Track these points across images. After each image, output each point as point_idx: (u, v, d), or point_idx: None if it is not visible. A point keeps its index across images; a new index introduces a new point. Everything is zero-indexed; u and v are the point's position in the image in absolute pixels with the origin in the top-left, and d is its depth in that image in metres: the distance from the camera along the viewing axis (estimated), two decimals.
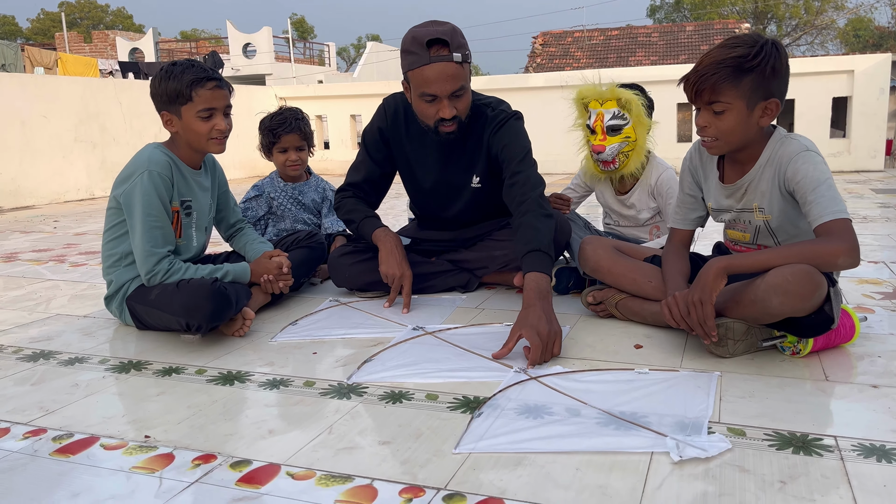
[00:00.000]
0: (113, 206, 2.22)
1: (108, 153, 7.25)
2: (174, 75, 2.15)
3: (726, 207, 1.97)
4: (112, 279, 2.26)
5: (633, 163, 2.56)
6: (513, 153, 2.35)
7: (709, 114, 1.80)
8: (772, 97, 1.77)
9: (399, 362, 1.88)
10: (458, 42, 2.19)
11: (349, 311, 2.42)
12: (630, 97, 2.51)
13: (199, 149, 2.24)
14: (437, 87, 2.19)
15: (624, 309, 2.16)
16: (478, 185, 2.50)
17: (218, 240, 2.79)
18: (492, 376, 1.75)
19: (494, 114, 2.42)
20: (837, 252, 1.66)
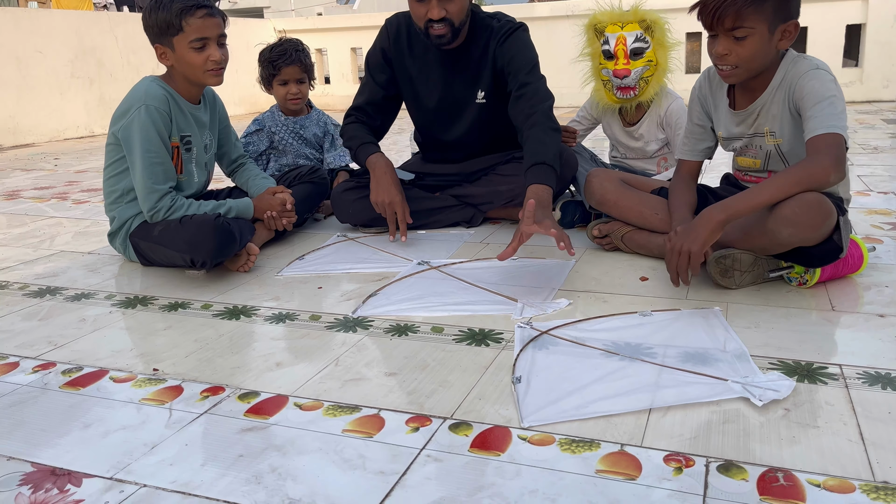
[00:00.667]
0: (112, 141, 2.20)
1: (105, 89, 7.15)
2: (163, 5, 2.09)
3: (737, 135, 1.94)
4: (115, 216, 2.25)
5: (652, 88, 2.48)
6: (520, 64, 2.32)
7: (729, 40, 1.73)
8: (790, 19, 1.73)
9: (404, 296, 1.89)
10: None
11: (356, 246, 2.42)
12: (655, 17, 2.43)
13: (196, 81, 2.19)
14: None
15: (630, 242, 2.15)
16: (482, 101, 2.46)
17: (220, 176, 2.78)
18: (497, 310, 1.76)
19: (500, 24, 2.40)
20: (825, 171, 1.63)
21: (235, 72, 8.03)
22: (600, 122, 2.78)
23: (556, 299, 1.81)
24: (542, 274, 2.03)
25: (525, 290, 1.88)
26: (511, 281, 1.98)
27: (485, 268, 2.11)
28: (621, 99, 2.52)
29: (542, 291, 1.88)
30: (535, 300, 1.80)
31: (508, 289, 1.91)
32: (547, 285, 1.93)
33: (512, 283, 1.95)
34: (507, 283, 1.96)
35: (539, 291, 1.88)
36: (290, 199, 2.38)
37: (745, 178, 2.01)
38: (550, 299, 1.81)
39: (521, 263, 2.14)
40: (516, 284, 1.94)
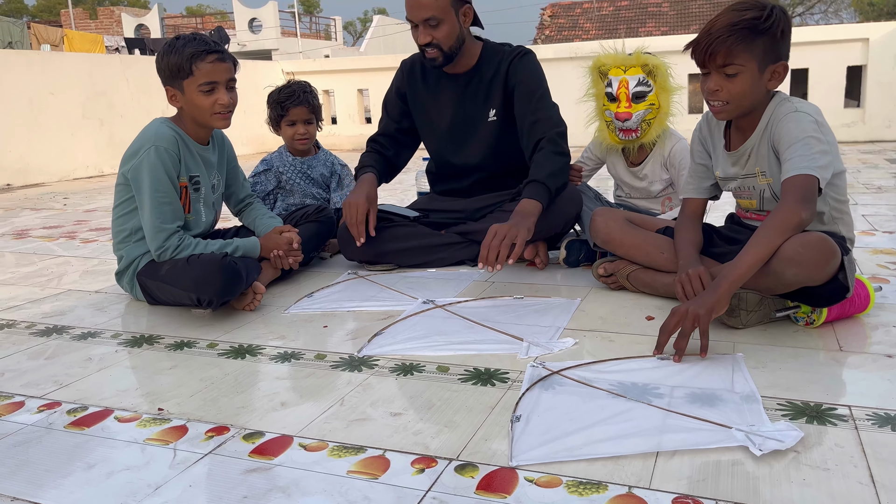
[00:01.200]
0: (121, 182, 2.22)
1: (115, 130, 7.25)
2: (176, 49, 2.13)
3: (732, 175, 1.96)
4: (123, 255, 2.27)
5: (654, 130, 2.52)
6: (531, 86, 2.47)
7: (720, 77, 1.78)
8: (780, 60, 1.77)
9: (409, 335, 1.88)
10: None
11: (364, 283, 2.42)
12: (658, 63, 2.48)
13: (204, 124, 2.22)
14: (412, 14, 2.40)
15: (635, 281, 2.15)
16: (494, 119, 2.55)
17: (228, 215, 2.80)
18: (503, 349, 1.75)
19: (511, 49, 2.56)
20: (794, 213, 1.64)
21: (244, 112, 8.12)
22: (605, 162, 2.80)
23: (561, 338, 1.80)
24: (547, 313, 2.03)
25: (531, 329, 1.88)
26: (517, 320, 1.97)
27: (490, 306, 2.11)
28: (623, 140, 2.56)
29: (548, 331, 1.87)
30: (540, 339, 1.80)
31: (514, 328, 1.90)
32: (552, 324, 1.92)
33: (518, 322, 1.95)
34: (512, 321, 1.96)
35: (545, 331, 1.87)
36: (296, 239, 2.39)
37: (746, 216, 2.02)
38: (556, 338, 1.81)
39: (526, 302, 2.14)
40: (522, 323, 1.94)
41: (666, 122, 2.54)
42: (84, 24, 27.81)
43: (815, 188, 1.67)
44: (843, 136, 7.37)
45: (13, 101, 6.32)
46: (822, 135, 1.72)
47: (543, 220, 2.44)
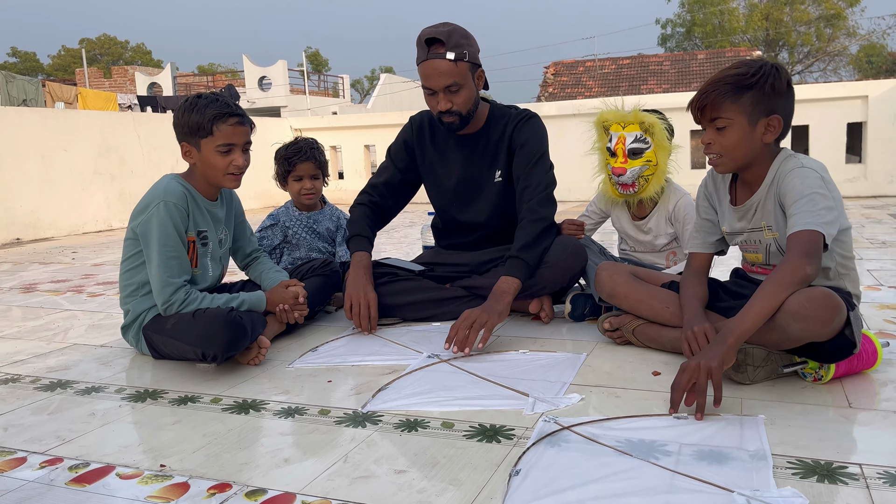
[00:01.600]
0: (130, 237, 2.24)
1: (126, 185, 7.34)
2: (198, 108, 2.18)
3: (738, 230, 1.97)
4: (129, 308, 2.27)
5: (652, 187, 2.56)
6: (530, 150, 2.50)
7: (712, 131, 1.84)
8: (773, 114, 1.79)
9: (414, 390, 1.87)
10: (456, 42, 2.35)
11: (368, 337, 2.41)
12: (653, 121, 2.53)
13: (215, 182, 2.26)
14: (432, 82, 2.38)
15: (641, 335, 2.14)
16: (499, 180, 2.58)
17: (234, 269, 2.81)
18: (508, 405, 1.73)
19: (517, 112, 2.59)
20: (798, 268, 1.64)
21: (252, 168, 8.11)
22: (609, 215, 2.82)
23: (567, 394, 1.79)
24: (553, 368, 2.01)
25: (536, 385, 1.86)
26: (522, 375, 1.96)
27: (496, 361, 2.10)
28: (622, 194, 2.60)
29: (554, 386, 1.86)
30: (546, 394, 1.78)
31: (520, 383, 1.89)
32: (559, 379, 1.91)
33: (523, 378, 1.93)
34: (518, 377, 1.94)
35: (551, 386, 1.86)
36: (302, 293, 2.40)
37: (752, 269, 2.02)
38: (562, 394, 1.79)
39: (532, 357, 2.13)
40: (527, 378, 1.92)
41: (664, 180, 2.57)
42: (98, 82, 28.42)
43: (820, 244, 1.68)
44: (846, 192, 7.41)
45: (26, 158, 6.42)
46: (828, 191, 1.74)
47: (549, 274, 2.45)
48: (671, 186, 2.66)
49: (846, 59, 35.95)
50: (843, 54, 35.52)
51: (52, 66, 49.23)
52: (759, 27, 34.31)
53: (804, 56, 35.38)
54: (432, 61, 2.35)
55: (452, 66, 2.35)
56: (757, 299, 1.66)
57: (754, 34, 34.54)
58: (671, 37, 38.13)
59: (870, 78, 29.50)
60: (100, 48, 49.53)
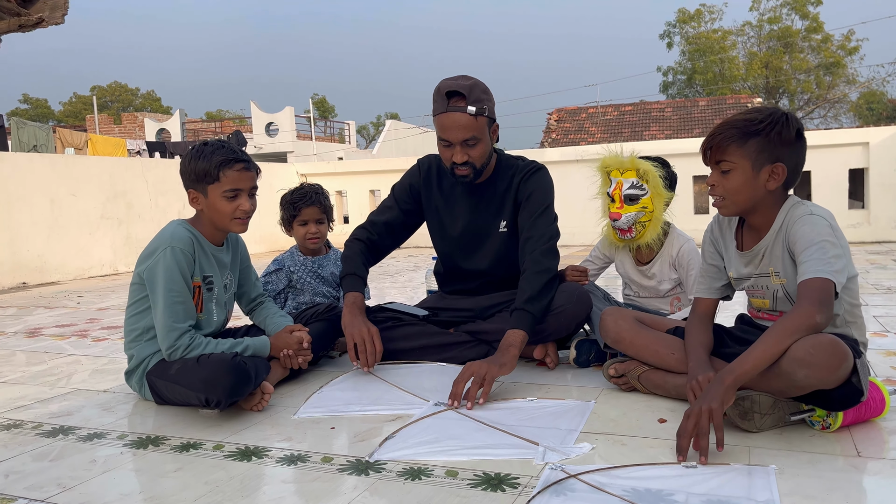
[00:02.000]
0: (136, 281, 2.25)
1: (133, 229, 7.39)
2: (204, 155, 2.21)
3: (745, 275, 1.97)
4: (133, 353, 2.27)
5: (649, 233, 2.58)
6: (535, 202, 2.50)
7: (717, 173, 1.87)
8: (778, 162, 1.81)
9: (421, 439, 1.85)
10: (477, 96, 2.37)
11: (373, 380, 2.38)
12: (648, 168, 2.55)
13: (222, 227, 2.27)
14: (450, 134, 2.39)
15: (647, 382, 2.13)
16: (504, 230, 2.58)
17: (239, 314, 2.81)
18: (518, 454, 1.71)
19: (525, 164, 2.60)
20: (809, 316, 1.64)
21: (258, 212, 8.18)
22: (613, 260, 2.83)
23: (577, 443, 1.76)
24: (562, 416, 1.99)
25: (545, 433, 1.84)
26: (531, 423, 1.94)
27: (503, 409, 2.07)
28: (621, 239, 2.62)
29: (564, 434, 1.84)
30: (556, 443, 1.76)
31: (529, 431, 1.86)
32: (568, 427, 1.89)
33: (531, 425, 1.91)
34: (526, 424, 1.92)
35: (560, 434, 1.84)
36: (306, 338, 2.39)
37: (758, 315, 2.02)
38: (572, 442, 1.77)
39: (540, 404, 2.11)
40: (536, 426, 1.90)
41: (660, 226, 2.58)
42: (108, 128, 28.81)
43: (831, 292, 1.68)
44: (850, 237, 7.42)
45: (35, 202, 6.48)
46: (837, 239, 1.75)
47: (553, 320, 2.45)
48: (674, 232, 2.67)
49: (846, 106, 36.32)
50: (844, 101, 35.91)
51: (64, 112, 50.01)
52: (759, 75, 34.77)
53: (804, 103, 35.75)
54: (452, 114, 2.37)
55: (472, 121, 2.37)
56: (761, 343, 1.66)
57: (754, 82, 34.98)
58: (672, 84, 38.65)
59: (870, 124, 29.78)
60: (111, 95, 50.35)
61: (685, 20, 37.19)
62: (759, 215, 1.90)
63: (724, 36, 36.30)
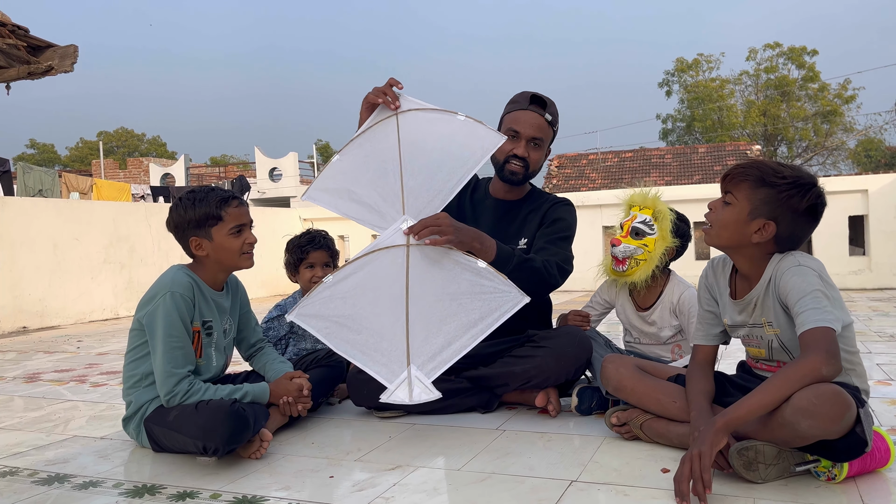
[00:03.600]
0: (136, 327, 2.24)
1: (135, 273, 7.40)
2: (199, 200, 2.24)
3: (740, 323, 1.97)
4: (132, 399, 2.25)
5: (640, 273, 2.59)
6: (559, 226, 2.65)
7: (721, 200, 1.90)
8: (773, 221, 1.81)
9: (336, 312, 2.25)
10: (553, 110, 2.67)
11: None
12: (664, 211, 2.61)
13: (232, 266, 2.29)
14: (522, 127, 2.61)
15: (649, 430, 2.10)
16: (523, 247, 2.65)
17: (238, 359, 2.79)
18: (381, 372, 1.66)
19: (557, 197, 2.78)
20: (815, 366, 1.63)
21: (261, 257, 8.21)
22: (613, 305, 2.82)
23: None
24: (473, 323, 2.23)
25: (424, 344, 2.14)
26: (441, 311, 2.22)
27: (446, 269, 2.27)
28: (614, 270, 2.65)
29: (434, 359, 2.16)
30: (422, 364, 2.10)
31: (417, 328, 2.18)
32: (457, 344, 2.21)
33: (436, 318, 2.21)
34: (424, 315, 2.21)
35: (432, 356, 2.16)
36: (307, 385, 2.37)
37: (756, 365, 2.00)
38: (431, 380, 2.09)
39: (477, 281, 2.26)
40: (438, 320, 2.21)
41: (651, 270, 2.59)
42: (113, 173, 29.07)
43: (836, 340, 1.67)
44: (852, 284, 7.41)
45: (38, 246, 6.51)
46: (827, 288, 1.75)
47: (554, 364, 2.42)
48: (675, 279, 2.67)
49: (845, 154, 36.59)
50: (842, 149, 36.20)
51: (70, 157, 50.50)
52: (758, 122, 35.14)
53: (802, 150, 36.05)
54: (533, 112, 2.62)
55: (546, 126, 2.63)
56: (760, 390, 1.65)
57: (753, 129, 35.34)
58: (672, 131, 39.06)
59: (869, 172, 29.95)
60: (117, 140, 50.90)
61: (683, 69, 37.77)
62: (744, 261, 1.91)
63: (721, 84, 36.83)
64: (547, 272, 2.49)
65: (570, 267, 2.57)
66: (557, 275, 2.51)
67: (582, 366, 2.50)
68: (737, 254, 1.92)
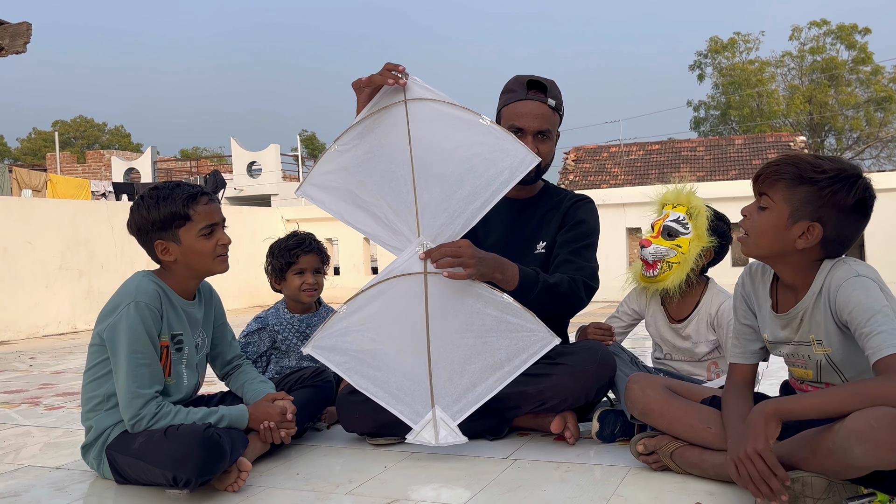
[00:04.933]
0: (96, 342, 2.24)
1: (95, 281, 7.41)
2: (163, 199, 2.22)
3: (783, 339, 1.96)
4: (92, 425, 2.24)
5: (673, 278, 2.58)
6: (582, 230, 2.65)
7: (755, 205, 1.90)
8: (818, 222, 1.81)
9: (359, 337, 2.32)
10: (555, 93, 2.63)
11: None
12: (700, 207, 2.62)
13: (204, 271, 2.29)
14: (526, 122, 2.57)
15: (680, 460, 2.09)
16: (542, 251, 2.67)
17: (213, 378, 2.78)
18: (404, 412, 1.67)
19: (575, 194, 2.79)
20: (894, 393, 1.62)
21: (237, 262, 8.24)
22: (643, 316, 2.82)
23: None
24: (498, 365, 2.31)
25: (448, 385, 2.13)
26: (466, 350, 2.31)
27: (469, 305, 2.33)
28: (644, 276, 2.65)
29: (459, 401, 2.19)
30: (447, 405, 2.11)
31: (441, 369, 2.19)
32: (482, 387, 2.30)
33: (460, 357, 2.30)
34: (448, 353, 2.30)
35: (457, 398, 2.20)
36: (291, 408, 2.37)
37: (801, 387, 2.00)
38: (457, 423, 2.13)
39: (502, 317, 2.31)
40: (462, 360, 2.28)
41: (685, 274, 2.59)
42: (71, 167, 29.14)
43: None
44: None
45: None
46: (890, 302, 1.75)
47: (572, 383, 2.42)
48: (713, 287, 2.67)
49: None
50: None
51: (21, 150, 50.70)
52: (802, 111, 35.21)
53: (853, 142, 36.11)
54: (532, 102, 2.59)
55: (550, 113, 2.60)
56: (825, 393, 1.67)
57: (797, 118, 35.41)
58: (705, 120, 39.15)
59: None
60: (74, 131, 51.07)
61: (717, 50, 37.87)
62: (788, 270, 1.90)
63: (761, 67, 36.92)
64: (573, 294, 2.50)
65: (597, 283, 2.60)
66: (584, 296, 2.54)
67: (604, 386, 2.49)
68: (779, 263, 1.91)
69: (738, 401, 1.98)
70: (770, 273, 2.01)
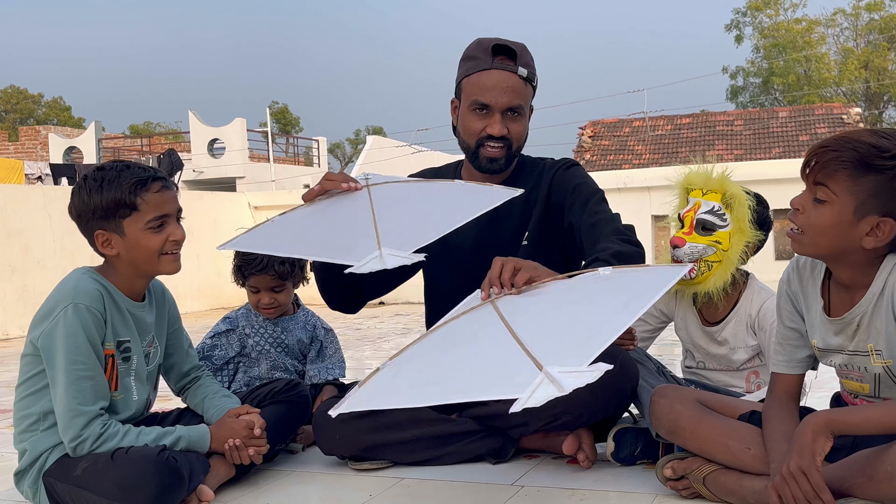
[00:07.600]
0: (29, 352, 2.23)
1: (30, 280, 7.40)
2: (108, 182, 2.20)
3: (836, 347, 1.95)
4: (26, 448, 2.24)
5: (714, 279, 2.56)
6: (584, 193, 2.56)
7: (809, 196, 1.85)
8: (889, 216, 1.80)
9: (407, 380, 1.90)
10: (526, 60, 2.54)
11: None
12: (738, 194, 2.57)
13: (150, 270, 2.28)
14: (492, 97, 2.48)
15: (715, 486, 2.10)
16: (525, 244, 2.62)
17: (168, 393, 2.77)
18: None
19: (555, 161, 2.69)
20: None
21: (196, 257, 8.25)
22: (671, 319, 2.82)
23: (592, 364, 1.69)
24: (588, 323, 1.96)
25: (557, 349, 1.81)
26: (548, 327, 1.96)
27: None
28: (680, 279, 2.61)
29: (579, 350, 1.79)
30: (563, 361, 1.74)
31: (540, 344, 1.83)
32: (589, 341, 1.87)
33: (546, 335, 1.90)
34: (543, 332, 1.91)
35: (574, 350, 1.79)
36: (259, 422, 2.37)
37: (855, 402, 2.00)
38: (586, 365, 1.71)
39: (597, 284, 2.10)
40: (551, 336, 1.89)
41: (729, 274, 2.57)
42: (1, 146, 29.07)
43: None
44: None
45: None
46: None
47: (587, 395, 2.41)
48: (754, 284, 2.67)
49: None
50: None
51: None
52: (857, 78, 35.22)
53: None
54: (499, 72, 2.48)
55: (521, 85, 2.51)
56: (887, 405, 1.67)
57: (850, 86, 35.42)
58: (743, 89, 39.16)
59: None
60: (5, 103, 50.92)
61: (758, 7, 37.85)
62: (847, 269, 1.89)
63: (809, 27, 36.92)
64: (638, 250, 2.42)
65: (628, 226, 2.53)
66: (638, 242, 2.47)
67: (625, 399, 2.50)
68: (838, 261, 1.90)
69: (782, 417, 1.99)
70: (821, 269, 2.00)
